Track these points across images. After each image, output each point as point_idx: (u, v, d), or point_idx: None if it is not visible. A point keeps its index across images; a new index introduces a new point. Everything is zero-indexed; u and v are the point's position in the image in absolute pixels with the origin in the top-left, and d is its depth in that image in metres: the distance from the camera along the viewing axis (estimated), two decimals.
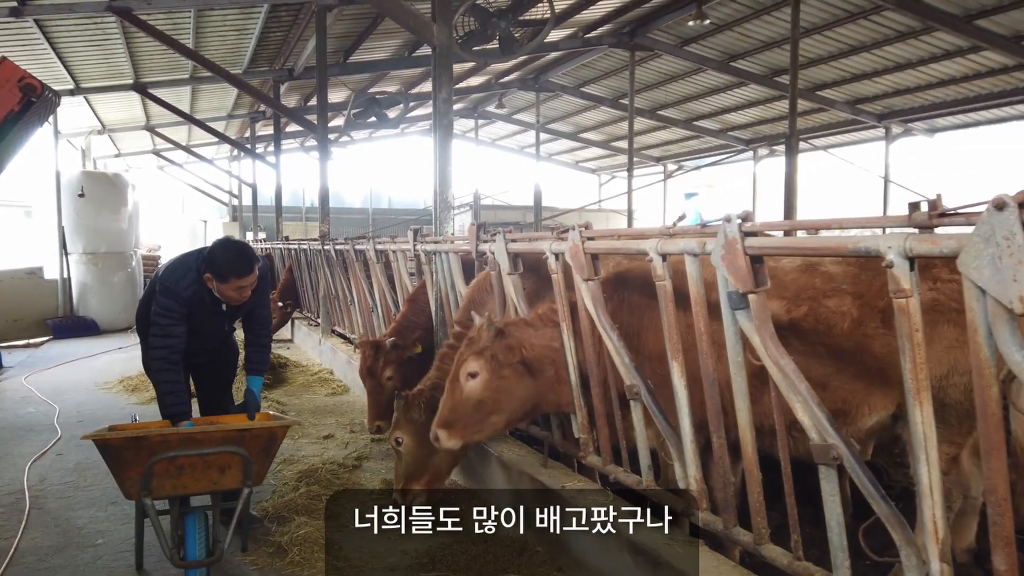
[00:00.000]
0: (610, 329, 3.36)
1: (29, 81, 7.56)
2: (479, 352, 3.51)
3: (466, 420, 3.56)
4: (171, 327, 3.93)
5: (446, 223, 5.70)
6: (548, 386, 3.75)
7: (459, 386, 3.56)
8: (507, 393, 3.58)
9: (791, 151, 13.09)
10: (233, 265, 3.91)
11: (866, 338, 3.01)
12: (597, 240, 3.41)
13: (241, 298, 4.05)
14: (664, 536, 3.17)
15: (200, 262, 4.01)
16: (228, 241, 4.20)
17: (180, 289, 3.96)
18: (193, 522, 3.48)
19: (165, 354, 3.91)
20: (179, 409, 3.87)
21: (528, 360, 3.58)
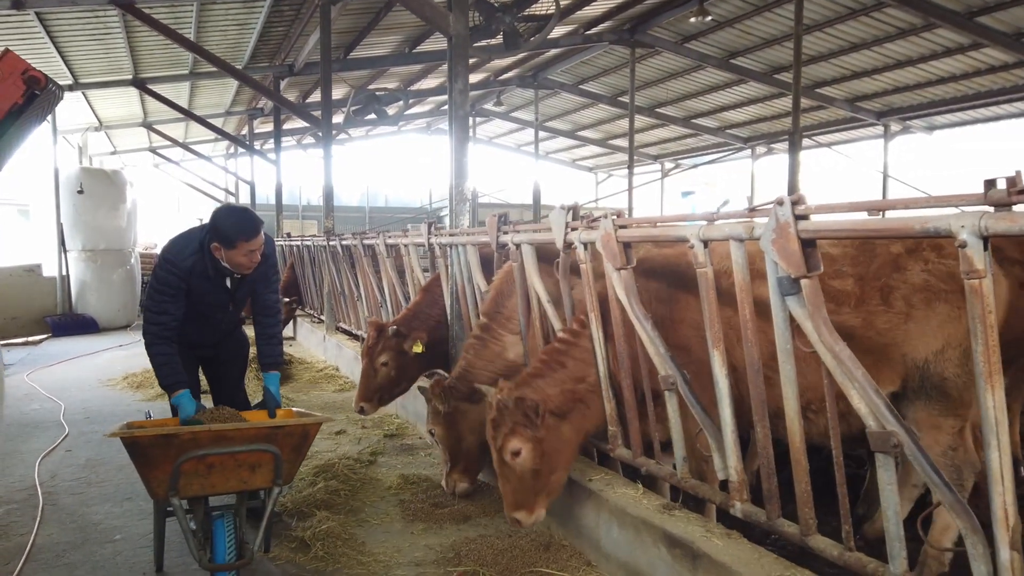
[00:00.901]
0: (644, 318, 3.30)
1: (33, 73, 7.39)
2: (511, 430, 3.45)
3: (533, 492, 3.51)
4: (166, 304, 3.82)
5: (462, 216, 5.64)
6: (587, 416, 3.72)
7: (509, 468, 3.49)
8: (555, 449, 3.54)
9: (794, 147, 13.08)
10: (240, 228, 3.77)
11: (870, 315, 3.15)
12: (631, 228, 3.35)
13: (251, 263, 3.89)
14: (701, 528, 3.13)
15: (204, 234, 3.87)
16: (230, 206, 4.07)
17: (180, 260, 3.83)
18: (222, 524, 3.35)
19: (156, 330, 3.83)
20: (174, 379, 3.79)
21: (556, 410, 3.54)
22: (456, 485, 4.61)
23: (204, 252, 3.85)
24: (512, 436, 3.44)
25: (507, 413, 3.44)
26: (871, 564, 2.40)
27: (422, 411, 6.27)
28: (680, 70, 18.96)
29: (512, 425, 3.44)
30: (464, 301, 5.46)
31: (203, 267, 3.86)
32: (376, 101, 16.86)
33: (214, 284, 3.95)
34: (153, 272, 3.88)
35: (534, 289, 4.28)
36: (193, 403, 3.78)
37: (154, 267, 3.91)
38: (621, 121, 24.48)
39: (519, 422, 3.43)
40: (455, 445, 4.54)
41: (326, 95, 10.80)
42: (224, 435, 3.23)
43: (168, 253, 3.89)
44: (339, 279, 9.62)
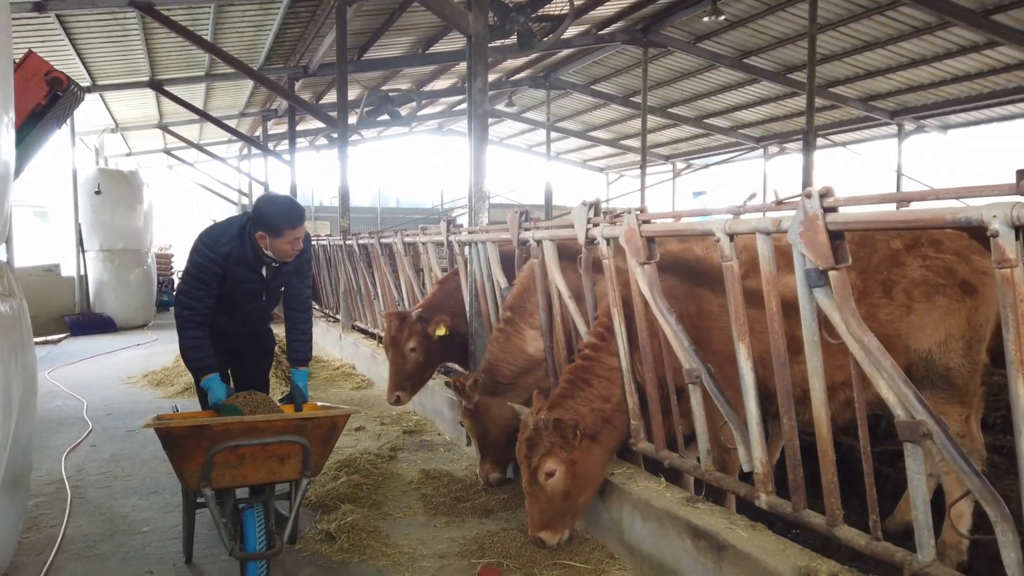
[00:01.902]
0: (667, 313, 3.33)
1: (55, 75, 7.52)
2: (548, 451, 3.49)
3: (561, 513, 3.57)
4: (200, 290, 3.82)
5: (481, 213, 5.69)
6: (612, 435, 3.77)
7: (540, 488, 3.54)
8: (586, 471, 3.60)
9: (808, 146, 13.06)
10: (286, 217, 3.76)
11: (873, 308, 3.27)
12: (655, 222, 3.38)
13: (295, 251, 3.87)
14: (726, 520, 3.15)
15: (244, 222, 3.87)
16: (273, 195, 4.07)
17: (217, 246, 3.81)
18: (252, 514, 3.38)
19: (189, 315, 3.83)
20: (204, 363, 3.81)
21: (588, 432, 3.58)
22: (488, 474, 4.70)
23: (244, 239, 3.83)
24: (548, 457, 3.49)
25: (544, 434, 3.49)
26: (899, 553, 2.42)
27: (440, 408, 6.34)
28: (692, 70, 18.94)
29: (549, 446, 3.48)
30: (483, 298, 5.51)
31: (242, 253, 3.83)
32: (389, 102, 16.97)
33: (251, 272, 3.92)
34: (189, 258, 3.89)
35: (555, 285, 4.31)
36: (223, 387, 3.81)
37: (190, 253, 3.91)
38: (633, 121, 24.49)
39: (557, 443, 3.48)
40: (483, 437, 4.63)
41: (342, 95, 10.88)
42: (255, 426, 3.28)
43: (206, 239, 3.87)
44: (355, 278, 9.69)
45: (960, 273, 3.32)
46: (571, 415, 3.58)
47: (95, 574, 3.60)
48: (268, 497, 3.57)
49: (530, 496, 3.60)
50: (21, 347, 3.39)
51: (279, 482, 3.50)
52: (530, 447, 3.56)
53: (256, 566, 3.30)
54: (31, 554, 3.81)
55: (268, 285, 4.07)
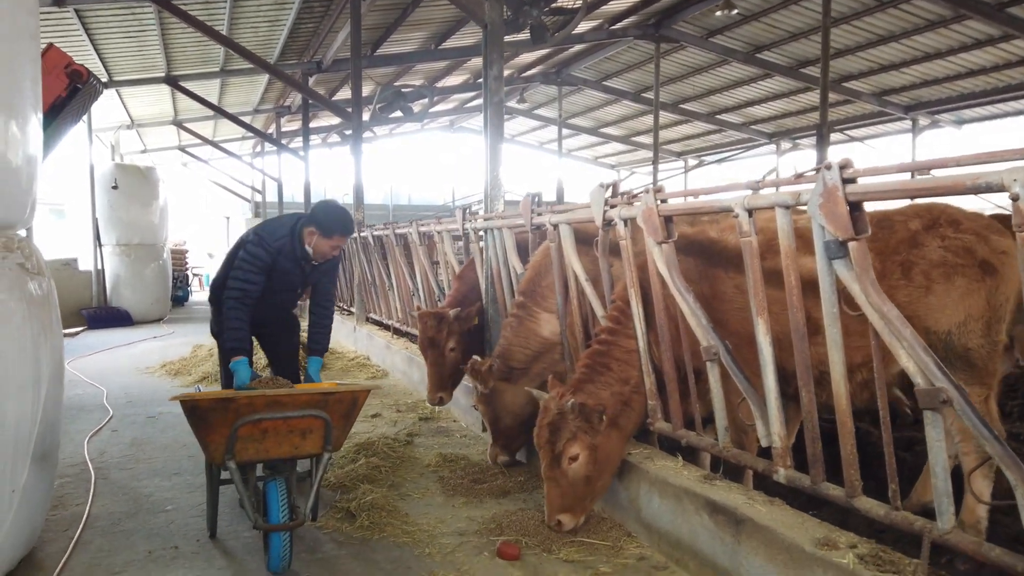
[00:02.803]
0: (685, 291, 3.36)
1: (75, 67, 7.63)
2: (574, 436, 3.53)
3: (580, 496, 3.61)
4: (252, 275, 4.23)
5: (497, 201, 5.72)
6: (631, 418, 3.81)
7: (562, 472, 3.57)
8: (607, 455, 3.65)
9: (822, 141, 13.03)
10: (342, 224, 4.31)
11: (891, 289, 3.22)
12: (672, 201, 3.41)
13: (331, 255, 4.38)
14: (743, 496, 3.18)
15: (296, 221, 4.37)
16: (334, 203, 4.56)
17: (272, 240, 4.29)
18: (275, 487, 3.45)
19: (239, 295, 4.20)
20: (240, 345, 4.12)
21: (609, 416, 3.62)
22: (497, 456, 4.74)
23: (293, 237, 4.32)
24: (573, 442, 3.53)
25: (570, 418, 3.53)
26: (918, 522, 2.45)
27: (456, 395, 6.38)
28: (705, 65, 18.91)
29: (574, 431, 3.52)
30: (499, 284, 5.55)
31: (290, 249, 4.32)
32: (402, 98, 16.98)
33: (295, 265, 4.39)
34: (244, 248, 4.33)
35: (572, 268, 4.35)
36: (249, 371, 4.02)
37: (244, 244, 4.36)
38: (644, 118, 24.47)
39: (582, 428, 3.52)
40: (497, 421, 4.66)
41: (356, 89, 10.94)
42: (278, 400, 3.35)
43: (262, 232, 4.37)
44: (370, 270, 9.75)
45: (979, 253, 3.32)
46: (593, 400, 3.62)
47: (121, 549, 3.67)
48: (290, 471, 3.65)
49: (551, 480, 3.63)
50: (50, 326, 3.47)
51: (301, 457, 3.55)
52: (553, 431, 3.59)
53: (279, 538, 3.34)
54: (58, 530, 3.88)
55: (305, 278, 4.56)
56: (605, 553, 3.56)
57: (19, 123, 3.31)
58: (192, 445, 5.51)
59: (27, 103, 3.42)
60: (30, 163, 3.45)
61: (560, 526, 3.62)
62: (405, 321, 8.53)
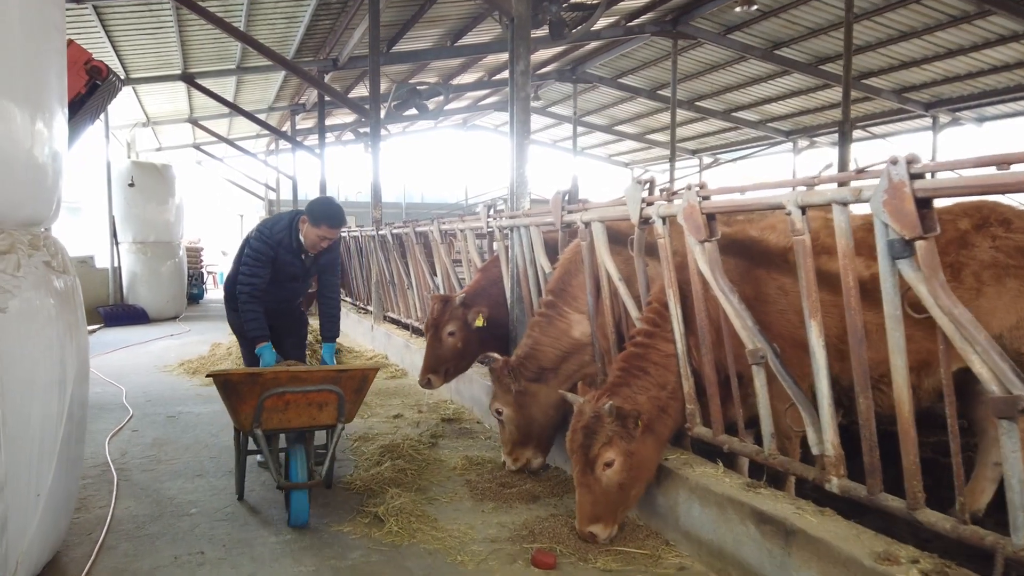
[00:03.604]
0: (730, 292, 3.24)
1: (95, 64, 7.57)
2: (609, 441, 3.41)
3: (613, 505, 3.48)
4: (257, 268, 4.63)
5: (523, 198, 5.61)
6: (667, 425, 3.68)
7: (595, 479, 3.44)
8: (643, 462, 3.51)
9: (844, 138, 12.82)
10: (329, 215, 4.62)
11: None
12: (716, 198, 3.29)
13: (319, 246, 4.70)
14: (792, 506, 3.06)
15: (295, 215, 4.77)
16: (329, 198, 5.00)
17: (273, 233, 4.69)
18: (295, 452, 3.97)
19: (249, 290, 4.62)
20: (261, 332, 4.57)
21: (646, 421, 3.49)
22: (529, 461, 4.61)
23: (291, 229, 4.70)
24: (608, 447, 3.40)
25: (605, 422, 3.40)
26: (989, 537, 2.32)
27: (479, 396, 6.28)
28: (722, 62, 18.72)
29: (610, 436, 3.40)
30: (526, 284, 5.44)
31: (289, 242, 4.71)
32: (417, 95, 16.91)
33: (295, 257, 4.77)
34: (248, 243, 4.75)
35: (604, 268, 4.23)
36: (274, 354, 4.55)
37: (248, 239, 4.79)
38: (659, 115, 24.29)
39: (617, 433, 3.40)
40: (525, 425, 4.53)
41: (374, 85, 10.85)
42: (299, 376, 3.85)
43: (263, 227, 4.78)
44: (388, 268, 9.67)
45: None
46: (629, 404, 3.50)
47: (146, 554, 3.59)
48: (309, 440, 4.14)
49: (583, 487, 3.50)
50: (76, 326, 3.39)
51: (318, 427, 4.02)
52: (587, 436, 3.47)
53: (299, 496, 3.85)
54: (82, 534, 3.81)
55: (307, 270, 4.94)
56: (643, 562, 3.44)
57: (45, 119, 3.23)
58: (214, 446, 5.45)
59: (53, 98, 3.34)
60: (55, 159, 3.37)
61: (593, 537, 3.49)
62: (424, 320, 8.43)
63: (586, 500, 3.50)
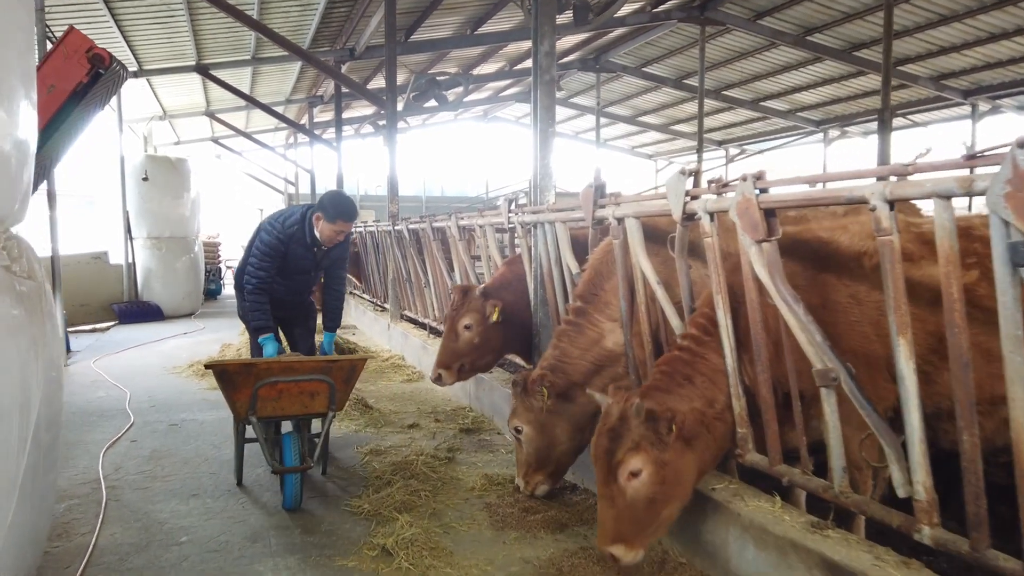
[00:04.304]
0: (794, 302, 2.77)
1: (97, 51, 7.20)
2: (636, 446, 2.92)
3: (639, 524, 2.96)
4: (266, 262, 4.71)
5: (547, 192, 5.15)
6: (709, 447, 3.15)
7: (619, 490, 2.94)
8: (676, 477, 2.98)
9: (884, 126, 12.18)
10: (344, 210, 4.71)
11: None
12: (776, 190, 2.81)
13: (334, 240, 4.79)
14: (869, 555, 2.58)
15: (307, 208, 4.80)
16: (341, 192, 5.09)
17: (284, 227, 4.72)
18: (289, 438, 4.16)
19: (256, 283, 4.72)
20: (264, 323, 4.73)
21: (684, 432, 2.99)
22: (537, 487, 4.16)
23: (304, 223, 4.75)
24: (635, 453, 2.90)
25: (634, 425, 2.92)
26: None
27: (499, 404, 5.85)
28: (751, 49, 18.06)
29: (638, 440, 2.91)
30: (551, 285, 4.99)
31: (301, 235, 4.76)
32: (436, 86, 16.48)
33: (307, 251, 4.83)
34: (258, 236, 4.80)
35: (640, 270, 3.77)
36: (276, 345, 4.68)
37: (258, 232, 4.83)
38: (685, 105, 23.64)
39: (646, 438, 2.90)
40: (545, 448, 4.06)
41: (391, 75, 10.42)
42: (291, 367, 4.04)
43: (275, 220, 4.81)
44: (404, 265, 9.26)
45: None
46: (669, 406, 3.01)
47: None
48: (301, 430, 4.40)
49: (605, 499, 3.00)
50: (43, 339, 2.99)
51: (311, 415, 4.21)
52: (612, 440, 2.97)
53: (292, 479, 4.07)
54: (59, 567, 3.43)
55: (317, 263, 5.00)
56: None
57: (5, 102, 2.82)
58: (214, 460, 5.08)
59: (13, 77, 2.93)
60: (20, 148, 2.96)
61: (615, 560, 2.97)
62: (443, 320, 8.00)
63: (608, 515, 2.98)
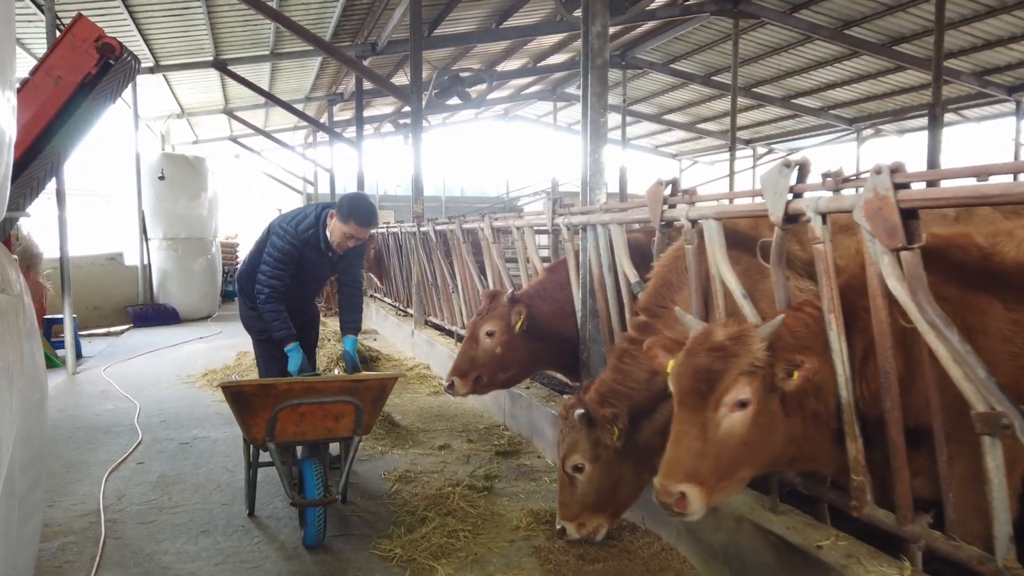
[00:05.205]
0: (945, 326, 2.20)
1: (107, 41, 6.75)
2: (752, 374, 2.40)
3: (722, 470, 2.43)
4: (280, 269, 4.33)
5: (598, 190, 4.60)
6: (801, 431, 2.61)
7: (712, 421, 2.42)
8: (768, 434, 2.48)
9: (935, 123, 11.52)
10: (360, 213, 4.29)
11: None
12: (920, 186, 2.25)
13: (345, 245, 4.40)
14: None
15: (320, 210, 4.42)
16: (364, 195, 4.63)
17: (299, 231, 4.35)
18: (311, 466, 3.73)
19: (269, 292, 4.33)
20: (286, 332, 4.32)
21: (796, 390, 2.46)
22: (597, 531, 3.59)
23: (319, 227, 4.38)
24: (750, 380, 2.42)
25: (754, 348, 2.45)
26: None
27: (539, 425, 5.31)
28: (784, 44, 17.40)
29: (756, 368, 2.42)
30: (602, 295, 4.44)
31: (316, 240, 4.39)
32: (460, 83, 15.95)
33: (321, 255, 4.46)
34: (270, 242, 4.40)
35: (721, 280, 3.21)
36: (302, 354, 4.32)
37: (269, 235, 4.45)
38: (712, 103, 22.98)
39: (763, 370, 2.43)
40: (610, 488, 3.50)
41: (416, 68, 9.90)
42: (314, 386, 3.64)
43: (286, 224, 4.40)
44: (430, 268, 8.74)
45: None
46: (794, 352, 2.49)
47: None
48: (324, 454, 3.97)
49: (688, 426, 2.50)
50: (19, 364, 2.48)
51: (334, 439, 3.84)
52: (718, 358, 2.49)
53: (315, 513, 3.64)
54: None
55: (332, 267, 4.68)
56: None
57: None
58: (227, 488, 4.58)
59: None
60: None
61: (681, 502, 2.40)
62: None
63: (687, 446, 2.43)
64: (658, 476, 2.48)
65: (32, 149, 6.19)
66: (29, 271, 9.45)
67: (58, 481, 4.68)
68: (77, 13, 6.68)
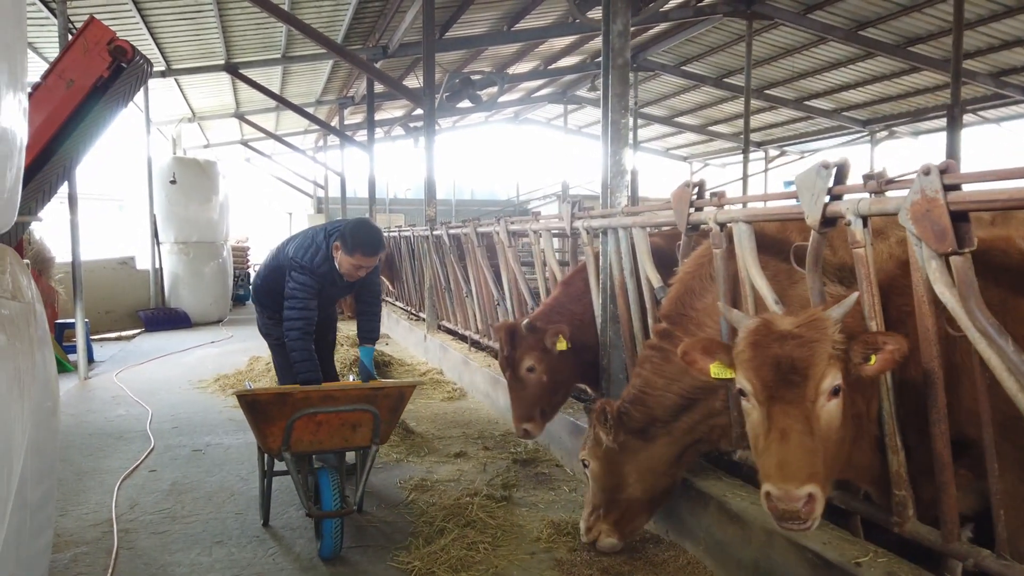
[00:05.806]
0: (999, 334, 2.09)
1: (119, 43, 6.70)
2: (838, 358, 2.28)
3: (829, 469, 2.30)
4: (308, 301, 4.30)
5: (619, 192, 4.50)
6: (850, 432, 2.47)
7: (815, 414, 2.26)
8: (844, 420, 2.35)
9: (954, 123, 11.37)
10: (365, 243, 4.26)
11: None
12: (972, 186, 2.14)
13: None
14: None
15: (327, 238, 4.37)
16: (367, 221, 4.55)
17: (315, 267, 4.32)
18: (327, 476, 3.66)
19: (301, 325, 4.27)
20: (312, 376, 4.20)
21: (875, 373, 2.35)
22: (601, 538, 3.53)
23: (330, 258, 4.35)
24: (837, 365, 2.32)
25: (830, 332, 2.33)
26: None
27: (558, 432, 5.21)
28: (797, 45, 17.25)
29: (836, 352, 2.32)
30: (623, 300, 4.34)
31: (331, 273, 4.38)
32: (471, 85, 15.89)
33: (337, 280, 4.44)
34: (290, 277, 4.34)
35: (751, 285, 3.11)
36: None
37: (289, 272, 4.36)
38: (723, 105, 22.82)
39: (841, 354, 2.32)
40: (611, 489, 3.44)
41: (429, 70, 9.82)
42: (331, 395, 3.57)
43: (301, 258, 4.35)
44: (443, 272, 8.66)
45: None
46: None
47: None
48: (340, 463, 3.94)
49: (794, 421, 2.28)
50: (31, 372, 2.41)
51: (351, 449, 3.78)
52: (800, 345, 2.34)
53: (331, 524, 3.55)
54: None
55: (352, 286, 4.66)
56: None
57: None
58: (241, 496, 4.50)
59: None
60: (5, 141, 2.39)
61: (809, 504, 2.20)
62: (486, 332, 7.40)
63: (800, 442, 2.22)
64: (771, 483, 2.22)
65: (44, 153, 6.14)
66: (41, 275, 9.44)
67: (70, 489, 4.62)
68: (89, 16, 6.65)
